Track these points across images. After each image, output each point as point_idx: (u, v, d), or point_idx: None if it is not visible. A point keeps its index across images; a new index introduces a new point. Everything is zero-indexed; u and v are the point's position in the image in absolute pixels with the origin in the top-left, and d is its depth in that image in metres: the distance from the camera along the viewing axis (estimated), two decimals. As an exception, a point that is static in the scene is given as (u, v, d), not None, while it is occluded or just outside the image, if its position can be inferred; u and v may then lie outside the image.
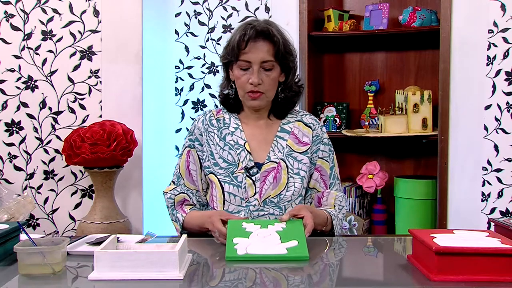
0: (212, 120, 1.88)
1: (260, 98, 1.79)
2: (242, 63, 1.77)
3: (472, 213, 2.71)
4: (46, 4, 2.71)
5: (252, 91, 1.77)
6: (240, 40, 1.75)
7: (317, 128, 1.89)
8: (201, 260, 1.45)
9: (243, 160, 1.79)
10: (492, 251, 1.22)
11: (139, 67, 2.76)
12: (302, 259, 1.40)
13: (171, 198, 1.85)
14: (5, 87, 2.71)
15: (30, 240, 1.35)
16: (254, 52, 1.75)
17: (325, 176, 1.87)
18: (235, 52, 1.77)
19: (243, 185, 1.77)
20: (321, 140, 1.88)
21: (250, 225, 1.57)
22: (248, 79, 1.76)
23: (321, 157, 1.87)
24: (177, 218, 1.81)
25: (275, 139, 1.83)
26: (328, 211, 1.77)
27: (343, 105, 3.10)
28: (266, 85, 1.77)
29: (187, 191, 1.85)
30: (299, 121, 1.89)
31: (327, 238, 1.70)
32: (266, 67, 1.77)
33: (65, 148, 2.55)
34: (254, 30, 1.75)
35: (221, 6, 3.07)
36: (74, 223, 2.76)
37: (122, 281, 1.24)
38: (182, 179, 1.86)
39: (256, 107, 1.83)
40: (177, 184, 1.87)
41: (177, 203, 1.84)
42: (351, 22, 2.97)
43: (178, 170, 1.88)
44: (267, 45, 1.76)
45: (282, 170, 1.79)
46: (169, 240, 1.71)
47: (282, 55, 1.78)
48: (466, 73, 2.70)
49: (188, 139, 1.89)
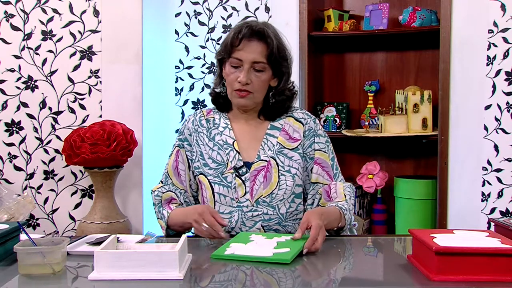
0: (202, 120, 1.86)
1: (247, 97, 1.76)
2: (234, 61, 1.75)
3: (472, 213, 2.71)
4: (46, 4, 2.71)
5: (239, 89, 1.75)
6: (234, 38, 1.73)
7: (309, 122, 1.84)
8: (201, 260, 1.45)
9: (231, 160, 1.77)
10: (492, 251, 1.22)
11: (139, 67, 2.76)
12: (282, 262, 1.36)
13: (158, 196, 1.82)
14: (5, 87, 2.72)
15: (30, 240, 1.35)
16: (246, 51, 1.73)
17: (327, 168, 1.82)
18: (228, 49, 1.75)
19: (233, 185, 1.75)
20: (315, 132, 1.83)
21: (258, 237, 1.56)
22: (237, 77, 1.74)
23: (318, 149, 1.82)
24: (163, 215, 1.78)
25: (265, 137, 1.81)
26: (340, 206, 1.69)
27: (343, 105, 3.10)
28: (254, 86, 1.75)
29: (175, 190, 1.83)
30: (290, 117, 1.85)
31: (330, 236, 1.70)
32: (257, 68, 1.74)
33: (65, 148, 2.55)
34: (249, 29, 1.73)
35: (221, 6, 3.07)
36: (74, 223, 2.76)
37: (122, 281, 1.24)
38: (170, 178, 1.85)
39: (243, 106, 1.80)
40: (165, 183, 1.86)
41: (164, 201, 1.82)
42: (351, 22, 2.97)
43: (167, 169, 1.87)
44: (261, 46, 1.74)
45: (273, 169, 1.76)
46: (168, 240, 1.71)
47: (275, 58, 1.75)
48: (466, 73, 2.70)
49: (178, 139, 1.88)
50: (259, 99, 1.81)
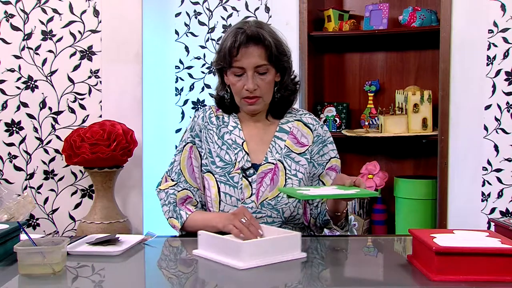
0: (212, 117, 1.85)
1: (257, 103, 1.76)
2: (236, 70, 1.73)
3: (472, 213, 2.71)
4: (46, 4, 2.71)
5: (248, 97, 1.74)
6: (232, 47, 1.71)
7: (317, 128, 1.85)
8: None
9: (240, 160, 1.76)
10: (492, 251, 1.22)
11: (139, 67, 2.76)
12: (372, 195, 1.53)
13: (173, 194, 1.78)
14: (5, 87, 2.71)
15: (30, 240, 1.35)
16: (246, 58, 1.71)
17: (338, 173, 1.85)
18: (227, 59, 1.73)
19: (239, 186, 1.74)
20: (327, 139, 1.86)
21: (309, 188, 1.61)
22: (243, 85, 1.73)
23: (334, 156, 1.86)
24: (180, 215, 1.74)
25: (273, 140, 1.81)
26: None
27: (343, 105, 3.10)
28: (262, 89, 1.74)
29: (190, 188, 1.80)
30: (298, 121, 1.85)
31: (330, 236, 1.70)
32: (261, 71, 1.73)
33: (65, 148, 2.55)
34: (244, 36, 1.71)
35: (221, 6, 3.07)
36: (74, 223, 2.76)
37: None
38: (183, 176, 1.80)
39: (253, 111, 1.80)
40: (177, 181, 1.81)
41: (179, 200, 1.78)
42: (351, 22, 2.97)
43: (179, 167, 1.81)
44: (259, 49, 1.72)
45: (279, 172, 1.76)
46: (170, 239, 1.71)
47: (275, 57, 1.74)
48: (466, 73, 2.70)
49: (190, 135, 1.84)
50: (268, 101, 1.80)
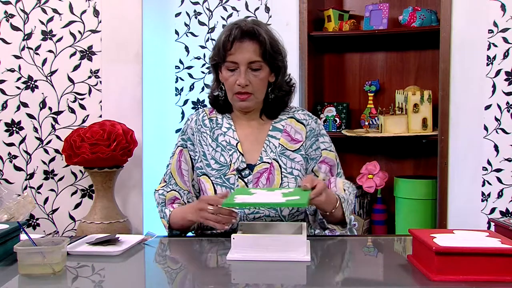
0: (205, 120, 1.86)
1: (248, 99, 1.76)
2: (229, 64, 1.73)
3: (472, 213, 2.71)
4: (46, 4, 2.71)
5: (239, 92, 1.74)
6: (226, 41, 1.72)
7: (310, 123, 1.84)
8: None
9: (235, 162, 1.76)
10: (492, 251, 1.22)
11: (139, 67, 2.76)
12: (300, 206, 1.45)
13: (162, 195, 1.82)
14: (5, 87, 2.71)
15: (30, 240, 1.35)
16: (240, 52, 1.71)
17: (333, 167, 1.83)
18: (221, 53, 1.74)
19: (236, 187, 1.74)
20: (319, 132, 1.84)
21: (257, 190, 1.60)
22: (235, 80, 1.73)
23: (324, 148, 1.83)
24: (165, 214, 1.77)
25: (267, 139, 1.80)
26: (338, 194, 1.70)
27: (343, 105, 3.10)
28: (254, 86, 1.74)
29: (179, 190, 1.82)
30: (291, 118, 1.84)
31: (330, 236, 1.70)
32: (254, 67, 1.73)
33: (65, 148, 2.55)
34: (239, 30, 1.71)
35: (221, 6, 3.07)
36: (74, 223, 2.76)
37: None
38: (174, 178, 1.83)
39: (245, 108, 1.79)
40: (168, 183, 1.84)
41: (168, 200, 1.81)
42: (351, 22, 2.97)
43: (170, 169, 1.85)
44: (254, 45, 1.72)
45: (275, 171, 1.76)
46: (170, 239, 1.71)
47: (270, 55, 1.74)
48: (466, 73, 2.70)
49: (181, 139, 1.87)
50: (260, 98, 1.80)
